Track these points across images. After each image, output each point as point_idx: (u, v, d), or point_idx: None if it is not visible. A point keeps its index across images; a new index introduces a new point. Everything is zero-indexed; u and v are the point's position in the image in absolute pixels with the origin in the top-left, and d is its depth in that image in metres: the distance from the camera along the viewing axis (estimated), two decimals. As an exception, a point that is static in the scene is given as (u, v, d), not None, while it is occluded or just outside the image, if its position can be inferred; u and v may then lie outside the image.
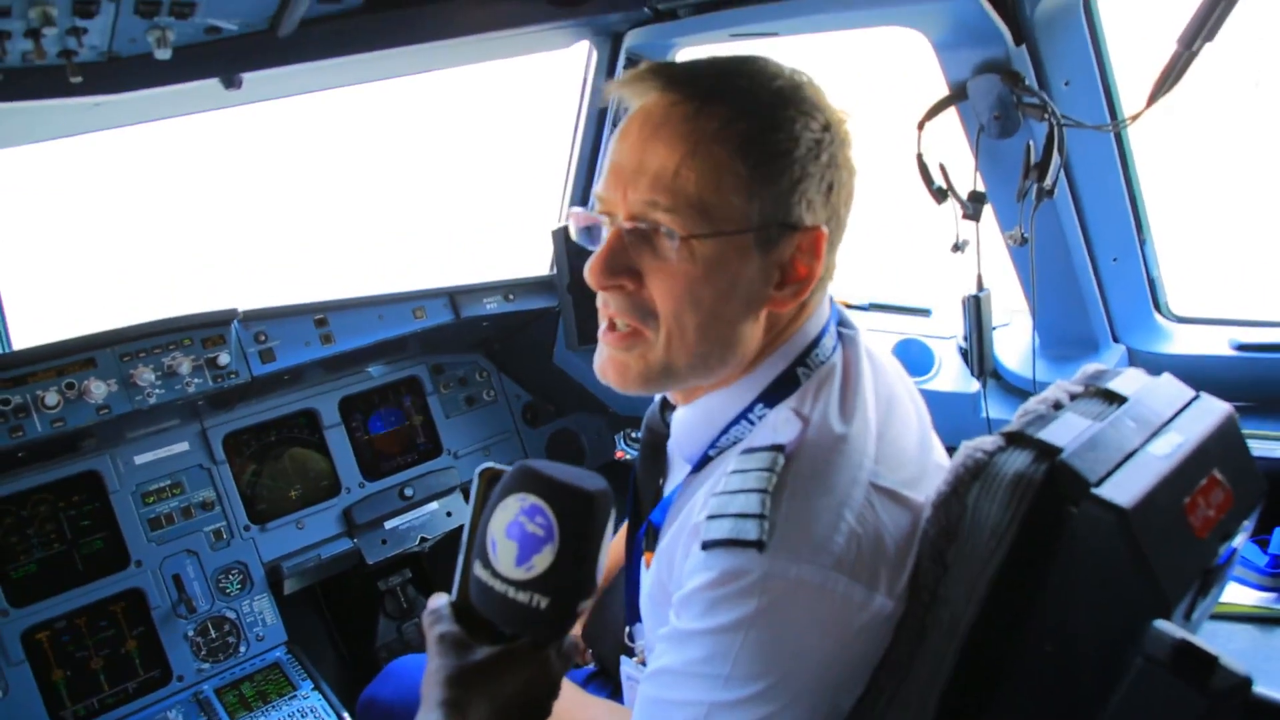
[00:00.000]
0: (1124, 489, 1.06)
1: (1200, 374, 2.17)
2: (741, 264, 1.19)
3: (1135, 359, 2.50)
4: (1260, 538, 2.08)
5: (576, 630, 2.15)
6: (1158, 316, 2.53)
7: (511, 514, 1.07)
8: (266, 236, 13.00)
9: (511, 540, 1.07)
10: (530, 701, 1.14)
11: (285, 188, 14.20)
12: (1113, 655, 1.03)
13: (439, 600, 1.20)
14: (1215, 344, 2.39)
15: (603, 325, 1.28)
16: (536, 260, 3.46)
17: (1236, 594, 2.00)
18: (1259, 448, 2.15)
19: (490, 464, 1.21)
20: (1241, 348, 2.34)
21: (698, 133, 1.15)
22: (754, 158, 1.16)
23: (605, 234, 1.23)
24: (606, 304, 1.25)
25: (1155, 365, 1.49)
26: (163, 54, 1.87)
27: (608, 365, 1.28)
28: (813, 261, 1.22)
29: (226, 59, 2.07)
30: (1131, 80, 2.15)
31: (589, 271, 1.22)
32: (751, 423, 1.28)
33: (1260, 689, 1.63)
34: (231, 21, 1.97)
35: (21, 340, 3.04)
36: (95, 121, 2.43)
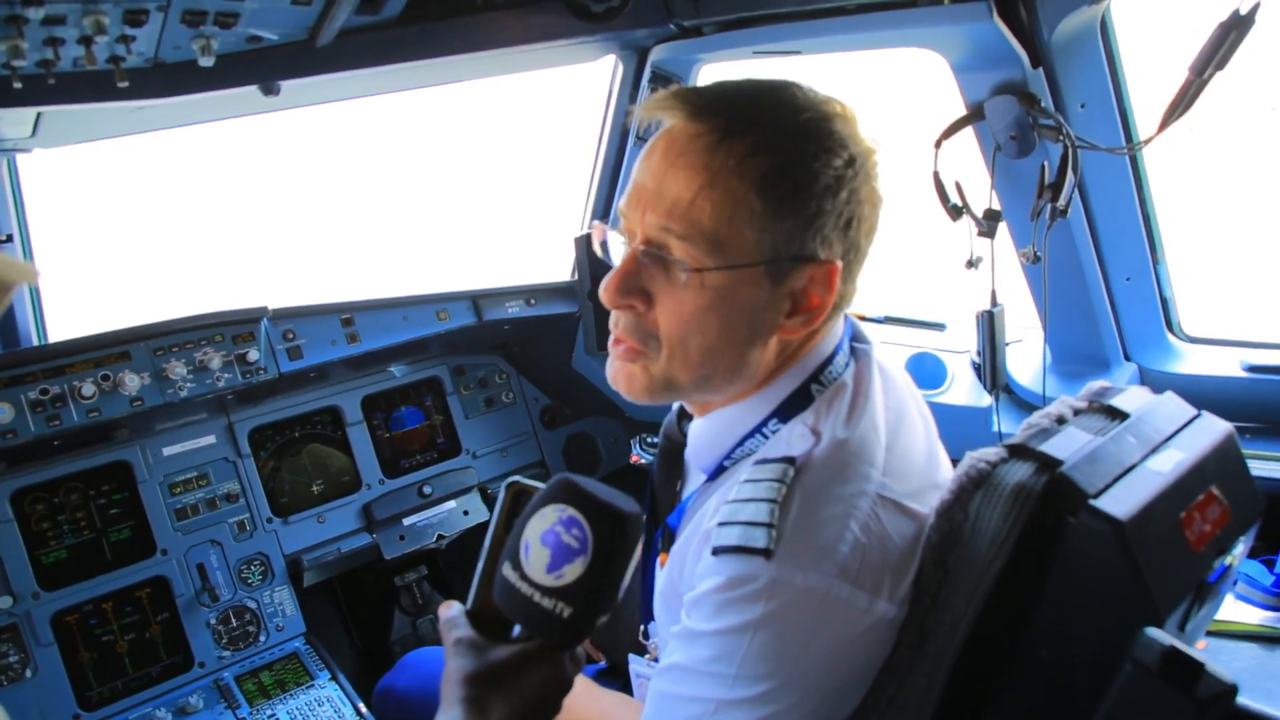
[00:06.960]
0: (1121, 501, 1.09)
1: (1211, 394, 2.21)
2: (750, 295, 1.20)
3: (1146, 378, 2.52)
4: (1266, 558, 2.10)
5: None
6: (1170, 336, 2.54)
7: (549, 522, 1.11)
8: (263, 220, 13.10)
9: (545, 547, 1.10)
10: (546, 700, 1.18)
11: (286, 177, 14.25)
12: (1106, 662, 1.06)
13: (453, 608, 1.24)
14: (1227, 365, 2.41)
15: (611, 338, 1.31)
16: (554, 264, 3.52)
17: (1242, 613, 2.02)
18: (1266, 469, 2.17)
19: (518, 478, 1.27)
20: (1253, 369, 2.36)
21: (716, 165, 1.16)
22: (771, 193, 1.16)
23: (623, 251, 1.26)
24: (616, 322, 1.29)
25: (1166, 384, 1.50)
26: (206, 61, 1.95)
27: (618, 374, 1.31)
28: (825, 293, 1.23)
29: (266, 67, 2.14)
30: (1148, 103, 2.18)
31: (603, 290, 1.25)
32: (765, 436, 1.30)
33: (1255, 704, 1.66)
34: (272, 31, 2.04)
35: (57, 333, 3.13)
36: (139, 124, 2.52)
